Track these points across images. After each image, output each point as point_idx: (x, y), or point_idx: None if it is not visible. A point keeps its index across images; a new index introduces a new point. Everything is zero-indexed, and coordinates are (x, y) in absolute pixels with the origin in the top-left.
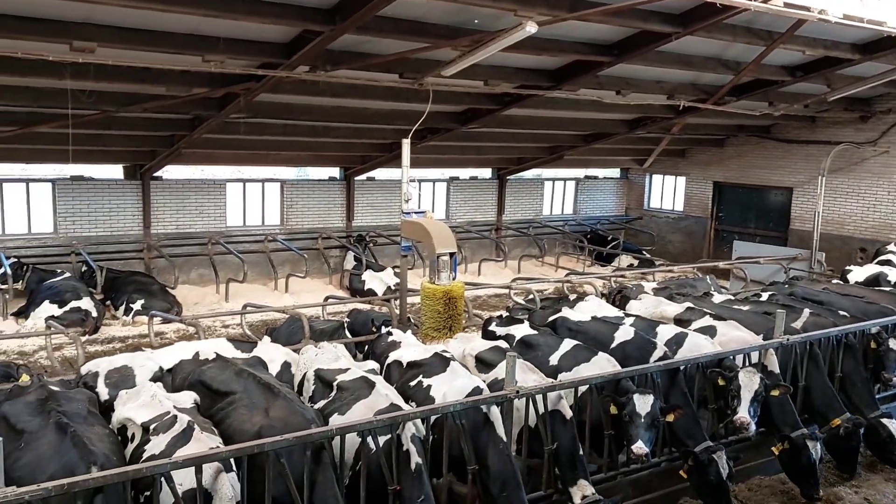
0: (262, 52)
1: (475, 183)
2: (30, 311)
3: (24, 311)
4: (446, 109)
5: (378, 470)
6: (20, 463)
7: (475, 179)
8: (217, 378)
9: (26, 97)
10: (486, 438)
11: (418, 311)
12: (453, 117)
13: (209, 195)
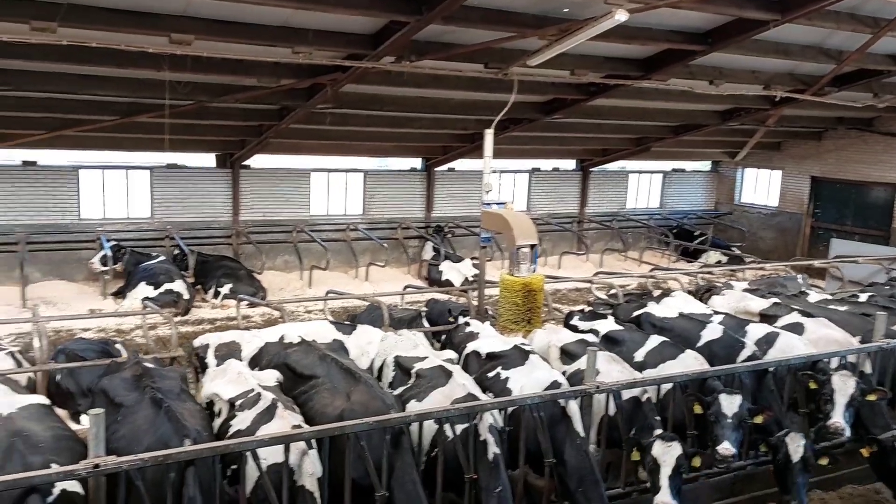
0: (348, 43)
1: (557, 174)
2: (127, 291)
3: (122, 291)
4: (530, 99)
5: (454, 458)
6: (118, 434)
7: (557, 171)
8: (301, 361)
9: (127, 88)
10: (563, 432)
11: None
12: (537, 107)
13: (295, 184)
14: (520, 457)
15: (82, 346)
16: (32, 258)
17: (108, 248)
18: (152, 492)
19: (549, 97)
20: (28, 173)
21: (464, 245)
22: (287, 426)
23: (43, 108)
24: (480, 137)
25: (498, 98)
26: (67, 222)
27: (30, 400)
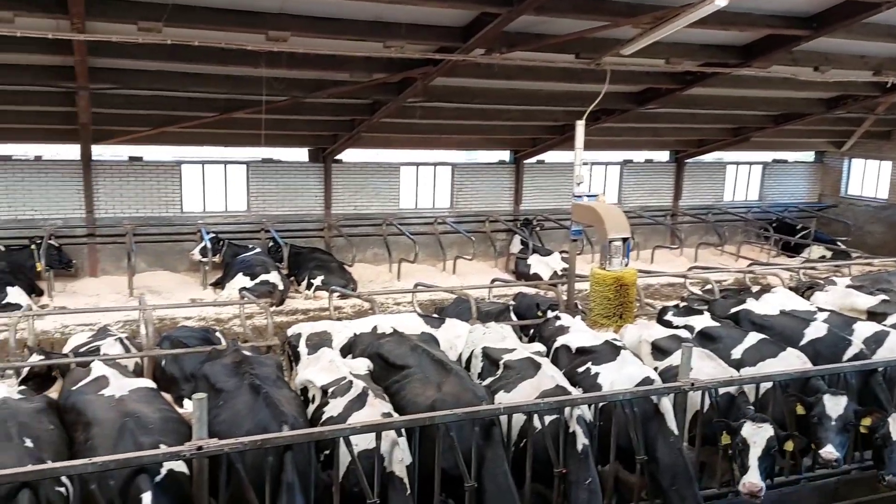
0: (439, 36)
1: (650, 166)
2: (225, 282)
3: (220, 282)
4: (623, 89)
5: (543, 449)
6: (219, 419)
7: (650, 162)
8: (394, 352)
9: (226, 85)
10: (655, 429)
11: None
12: (630, 97)
13: (384, 178)
14: (610, 453)
15: (185, 334)
16: (139, 249)
17: (207, 240)
18: (251, 474)
19: (643, 87)
20: (134, 168)
21: (552, 238)
22: (377, 414)
23: (149, 105)
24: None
25: (589, 89)
26: (170, 215)
27: (139, 383)
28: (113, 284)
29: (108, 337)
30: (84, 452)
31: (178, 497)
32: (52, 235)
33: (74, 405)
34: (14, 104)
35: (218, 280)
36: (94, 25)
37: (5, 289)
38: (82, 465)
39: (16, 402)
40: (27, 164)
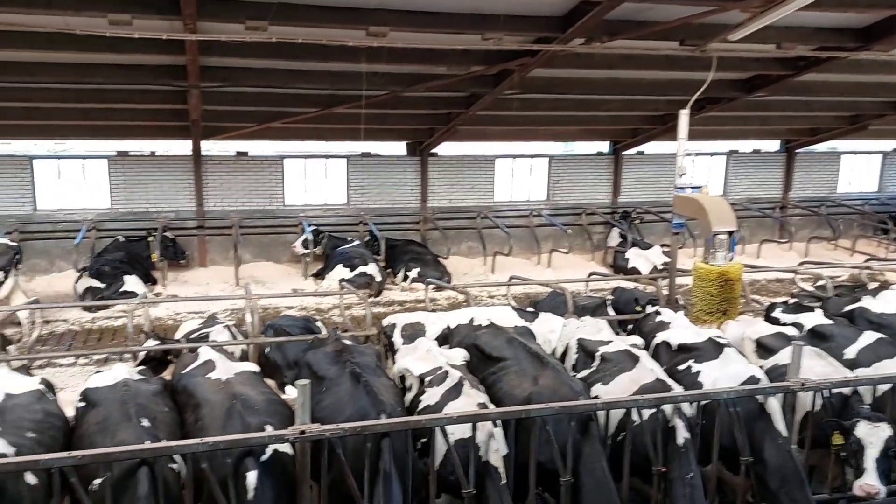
0: (537, 26)
1: (758, 156)
2: (326, 273)
3: (321, 273)
4: (729, 77)
5: (642, 444)
6: (322, 405)
7: (758, 153)
8: (490, 343)
9: (327, 81)
10: (762, 430)
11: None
12: (737, 85)
13: (480, 171)
14: (713, 453)
15: (288, 323)
16: (244, 241)
17: (309, 232)
18: (351, 460)
19: (751, 74)
20: (241, 163)
21: (652, 231)
22: (473, 404)
23: (255, 102)
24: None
25: (693, 77)
26: (274, 208)
27: (243, 367)
28: (220, 274)
29: (217, 324)
30: (195, 432)
31: (281, 477)
32: (166, 228)
33: (185, 387)
34: (131, 103)
35: (318, 271)
36: (204, 26)
37: (123, 278)
38: (195, 444)
39: (135, 384)
40: (143, 159)
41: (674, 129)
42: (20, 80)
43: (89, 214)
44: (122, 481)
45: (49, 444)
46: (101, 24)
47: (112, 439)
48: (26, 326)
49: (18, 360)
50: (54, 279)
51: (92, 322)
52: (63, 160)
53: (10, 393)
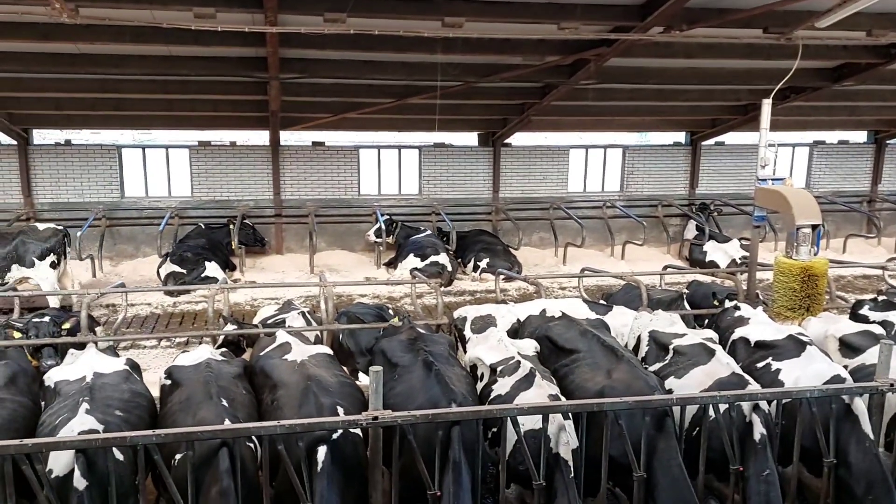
0: (615, 15)
1: (845, 148)
2: (398, 262)
3: (393, 262)
4: (815, 65)
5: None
6: (394, 392)
7: (845, 144)
8: (563, 335)
9: (403, 72)
10: (847, 432)
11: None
12: (823, 74)
13: (553, 161)
14: (794, 453)
15: (361, 310)
16: (320, 229)
17: (382, 221)
18: (422, 447)
19: (839, 62)
20: (317, 153)
21: (731, 224)
22: (544, 395)
23: (331, 93)
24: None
25: (776, 65)
26: (349, 197)
27: (318, 349)
28: (296, 262)
29: (293, 310)
30: (271, 412)
31: (351, 456)
32: (245, 216)
33: (262, 368)
34: (212, 94)
35: (391, 260)
36: (284, 18)
37: (204, 264)
38: (272, 426)
39: (218, 365)
40: (223, 149)
41: (755, 119)
42: (110, 73)
43: (172, 202)
44: (202, 459)
45: (135, 422)
46: (187, 17)
47: (193, 418)
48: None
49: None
50: (139, 264)
51: (174, 306)
52: (148, 149)
53: (98, 372)
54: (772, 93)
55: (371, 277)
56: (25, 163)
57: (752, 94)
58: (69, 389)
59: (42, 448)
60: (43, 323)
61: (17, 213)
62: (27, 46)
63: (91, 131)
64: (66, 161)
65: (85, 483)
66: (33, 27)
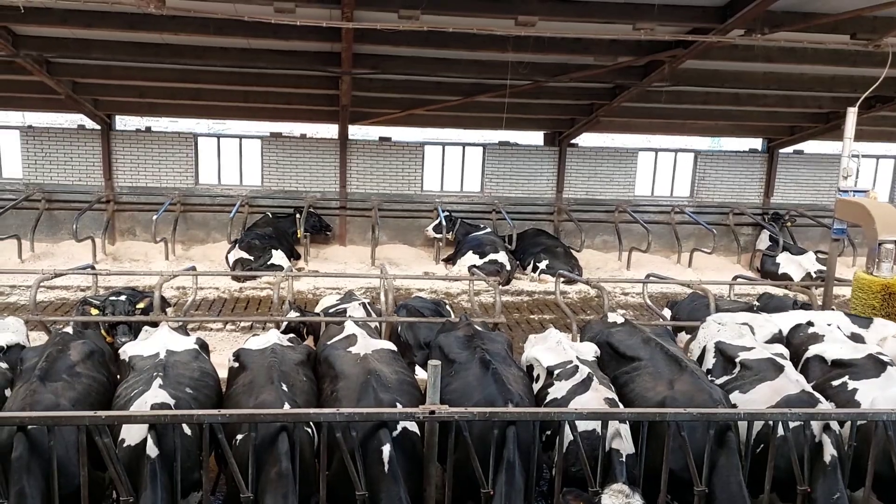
0: (693, 16)
1: None
2: (457, 258)
3: (451, 258)
4: None
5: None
6: (451, 388)
7: None
8: (625, 342)
9: (472, 70)
10: None
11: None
12: None
13: (620, 163)
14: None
15: (420, 304)
16: (382, 223)
17: (442, 217)
18: (477, 445)
19: None
20: (383, 148)
21: (806, 236)
22: (600, 399)
23: (401, 89)
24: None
25: (862, 73)
26: (412, 193)
27: (381, 345)
28: (358, 254)
29: (354, 301)
30: (331, 402)
31: (410, 453)
32: (312, 206)
33: (326, 358)
34: (286, 87)
35: (449, 256)
36: (360, 14)
37: (271, 251)
38: (331, 413)
39: (282, 350)
40: (294, 140)
41: (837, 127)
42: (192, 63)
43: (243, 190)
44: (263, 441)
45: (202, 399)
46: (267, 11)
47: (255, 400)
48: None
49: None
50: (209, 249)
51: (240, 291)
52: (222, 138)
53: (171, 350)
54: (857, 101)
55: (429, 272)
56: (108, 147)
57: (835, 101)
58: (143, 364)
59: (115, 420)
60: (119, 301)
61: (98, 196)
62: (115, 35)
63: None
64: (146, 147)
65: (157, 451)
66: (122, 17)
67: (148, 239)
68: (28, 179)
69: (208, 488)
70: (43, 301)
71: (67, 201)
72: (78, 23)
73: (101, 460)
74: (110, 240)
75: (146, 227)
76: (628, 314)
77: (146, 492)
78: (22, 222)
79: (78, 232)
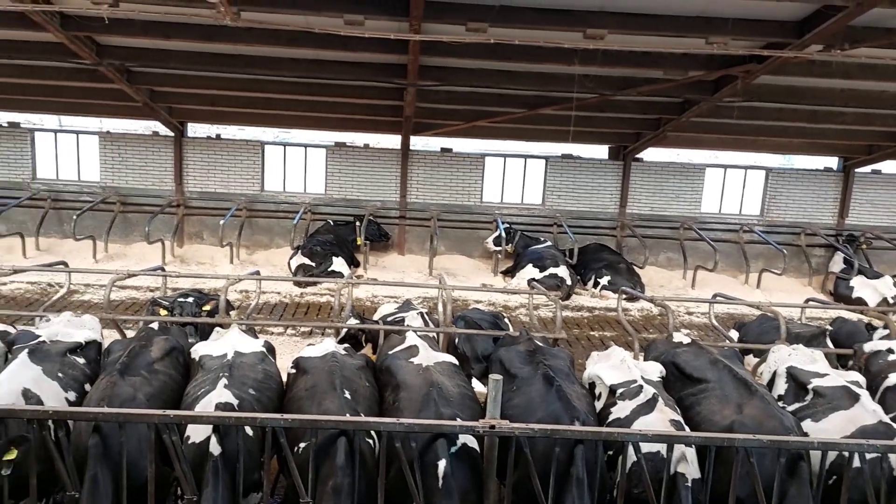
0: (769, 31)
1: None
2: (516, 271)
3: (511, 270)
4: None
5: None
6: (512, 403)
7: None
8: (691, 363)
9: (537, 82)
10: None
11: None
12: None
13: (686, 179)
14: None
15: (478, 316)
16: (441, 233)
17: (502, 229)
18: (538, 462)
19: None
20: (444, 159)
21: (883, 259)
22: (665, 420)
23: (464, 101)
24: None
25: None
26: (471, 204)
27: (443, 357)
28: (416, 263)
29: (411, 310)
30: (391, 412)
31: (469, 469)
32: (372, 215)
33: (388, 367)
34: (351, 97)
35: (508, 269)
36: (427, 27)
37: (332, 258)
38: (391, 423)
39: (342, 357)
40: (357, 150)
41: None
42: (263, 74)
43: (307, 198)
44: (322, 448)
45: (265, 402)
46: (338, 23)
47: (318, 407)
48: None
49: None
50: (272, 254)
51: (300, 296)
52: (288, 147)
53: (239, 351)
54: None
55: (487, 284)
56: (180, 153)
57: None
58: (212, 364)
59: (182, 420)
60: (187, 303)
61: (169, 200)
62: (192, 46)
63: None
64: (216, 154)
65: (219, 450)
66: (199, 28)
67: (214, 243)
68: (104, 183)
69: (267, 490)
70: (114, 300)
71: (140, 204)
72: (158, 34)
73: (168, 457)
74: (179, 242)
75: (213, 231)
76: (693, 334)
77: (207, 489)
78: (97, 224)
79: (149, 234)
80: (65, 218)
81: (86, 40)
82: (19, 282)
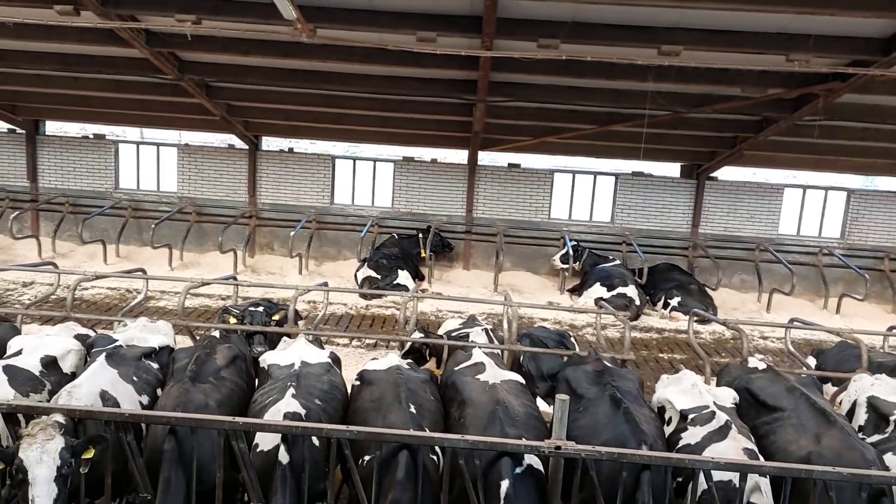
0: (854, 48)
1: None
2: (583, 289)
3: (577, 288)
4: None
5: None
6: (578, 423)
7: None
8: (766, 390)
9: (609, 99)
10: None
11: None
12: None
13: (763, 199)
14: None
15: (544, 334)
16: (507, 249)
17: (569, 247)
18: (603, 486)
19: None
20: (512, 174)
21: None
22: (738, 448)
23: (533, 116)
24: None
25: None
26: (538, 220)
27: (510, 375)
28: (481, 279)
29: (476, 326)
30: (456, 428)
31: (533, 490)
32: (438, 230)
33: (454, 383)
34: (421, 113)
35: (575, 287)
36: (499, 43)
37: (397, 271)
38: (456, 439)
39: (407, 371)
40: (425, 165)
41: None
42: (337, 89)
43: (374, 211)
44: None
45: (331, 412)
46: (410, 40)
47: (383, 420)
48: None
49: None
50: (339, 266)
51: (366, 308)
52: (358, 161)
53: (306, 361)
54: None
55: (553, 302)
56: (253, 166)
57: None
58: (280, 373)
59: (251, 427)
60: (257, 312)
61: (242, 211)
62: (269, 62)
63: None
64: (288, 167)
65: (287, 458)
66: (277, 45)
67: (284, 254)
68: (182, 193)
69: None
70: (188, 307)
71: (215, 215)
72: (237, 50)
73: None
74: (250, 253)
75: (283, 242)
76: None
77: (276, 496)
78: (174, 233)
79: (222, 244)
80: (144, 226)
81: (169, 56)
82: (100, 287)
